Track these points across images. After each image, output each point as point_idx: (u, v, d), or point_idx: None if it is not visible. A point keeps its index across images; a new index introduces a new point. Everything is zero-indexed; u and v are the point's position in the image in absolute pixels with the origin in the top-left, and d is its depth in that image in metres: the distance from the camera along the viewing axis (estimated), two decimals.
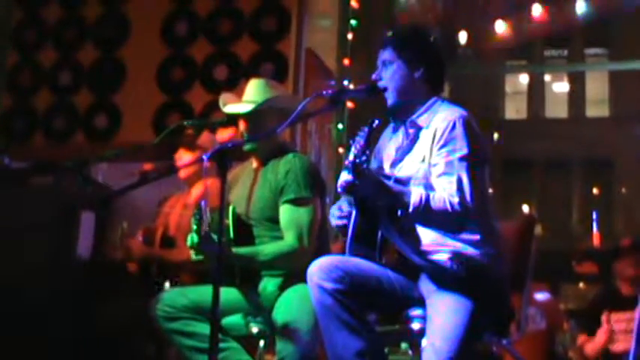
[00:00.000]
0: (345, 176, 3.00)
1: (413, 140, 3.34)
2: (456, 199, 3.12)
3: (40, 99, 7.08)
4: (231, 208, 3.79)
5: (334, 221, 3.38)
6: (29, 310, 4.43)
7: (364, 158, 2.97)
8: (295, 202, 3.77)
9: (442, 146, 3.22)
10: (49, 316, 4.45)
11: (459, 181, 3.16)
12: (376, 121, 3.11)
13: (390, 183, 3.17)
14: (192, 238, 3.61)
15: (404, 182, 3.24)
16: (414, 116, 3.36)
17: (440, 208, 3.11)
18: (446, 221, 3.16)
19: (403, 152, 3.37)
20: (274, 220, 3.83)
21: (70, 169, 4.74)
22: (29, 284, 4.48)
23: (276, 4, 6.59)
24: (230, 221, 3.76)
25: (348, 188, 3.04)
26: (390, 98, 3.39)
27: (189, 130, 4.74)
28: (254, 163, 4.06)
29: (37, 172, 4.99)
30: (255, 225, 3.87)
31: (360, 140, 2.99)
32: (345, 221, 3.28)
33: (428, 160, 3.24)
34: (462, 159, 3.19)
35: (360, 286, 3.19)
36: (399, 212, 3.16)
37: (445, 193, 3.14)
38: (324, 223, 3.90)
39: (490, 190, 3.44)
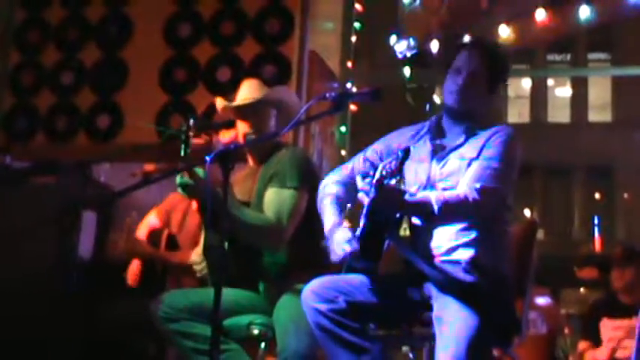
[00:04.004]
0: (366, 196, 3.05)
1: (464, 141, 3.37)
2: (478, 185, 3.16)
3: (42, 99, 7.06)
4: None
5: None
6: (30, 310, 4.43)
7: (393, 181, 2.97)
8: (279, 187, 3.78)
9: (491, 147, 3.29)
10: (50, 315, 4.45)
11: (488, 176, 3.20)
12: (411, 149, 3.11)
13: (409, 198, 3.18)
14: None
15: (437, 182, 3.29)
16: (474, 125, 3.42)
17: (458, 200, 3.15)
18: (467, 213, 3.20)
19: (450, 149, 3.40)
20: None
21: (72, 169, 4.74)
22: (30, 284, 4.49)
23: (279, 7, 6.58)
24: None
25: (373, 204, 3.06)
26: (458, 105, 3.43)
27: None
28: (251, 163, 4.07)
29: (38, 171, 5.00)
30: None
31: (392, 163, 2.99)
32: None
33: (476, 157, 3.30)
34: (502, 160, 3.26)
35: (356, 303, 3.19)
36: (420, 221, 3.20)
37: (466, 186, 3.18)
38: (319, 219, 3.91)
39: (510, 204, 3.47)
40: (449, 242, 3.23)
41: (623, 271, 5.64)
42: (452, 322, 3.07)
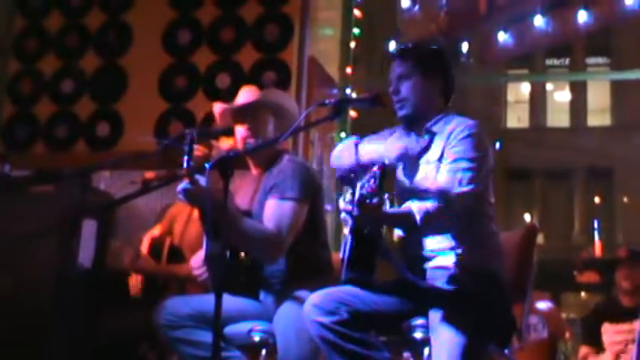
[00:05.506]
0: (349, 217, 3.04)
1: (427, 146, 3.36)
2: (458, 177, 3.17)
3: (42, 107, 7.06)
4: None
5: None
6: (30, 318, 4.42)
7: (375, 201, 2.94)
8: (279, 198, 3.76)
9: (454, 146, 3.27)
10: (51, 324, 4.45)
11: (460, 180, 3.20)
12: (387, 162, 3.11)
13: (392, 211, 3.18)
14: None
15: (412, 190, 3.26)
16: (428, 125, 3.39)
17: (439, 209, 3.13)
18: (448, 221, 3.18)
19: (417, 157, 3.39)
20: None
21: (72, 178, 4.74)
22: (30, 292, 4.48)
23: (278, 13, 6.58)
24: None
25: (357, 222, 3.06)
26: (407, 111, 3.41)
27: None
28: (253, 170, 4.07)
29: (38, 180, 4.99)
30: None
31: (372, 181, 2.97)
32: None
33: (441, 158, 3.29)
34: (471, 159, 3.23)
35: (357, 312, 3.19)
36: (403, 232, 3.20)
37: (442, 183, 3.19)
38: (319, 228, 3.91)
39: (492, 200, 3.47)
40: (433, 248, 3.23)
41: (632, 271, 5.61)
42: (442, 331, 3.09)
